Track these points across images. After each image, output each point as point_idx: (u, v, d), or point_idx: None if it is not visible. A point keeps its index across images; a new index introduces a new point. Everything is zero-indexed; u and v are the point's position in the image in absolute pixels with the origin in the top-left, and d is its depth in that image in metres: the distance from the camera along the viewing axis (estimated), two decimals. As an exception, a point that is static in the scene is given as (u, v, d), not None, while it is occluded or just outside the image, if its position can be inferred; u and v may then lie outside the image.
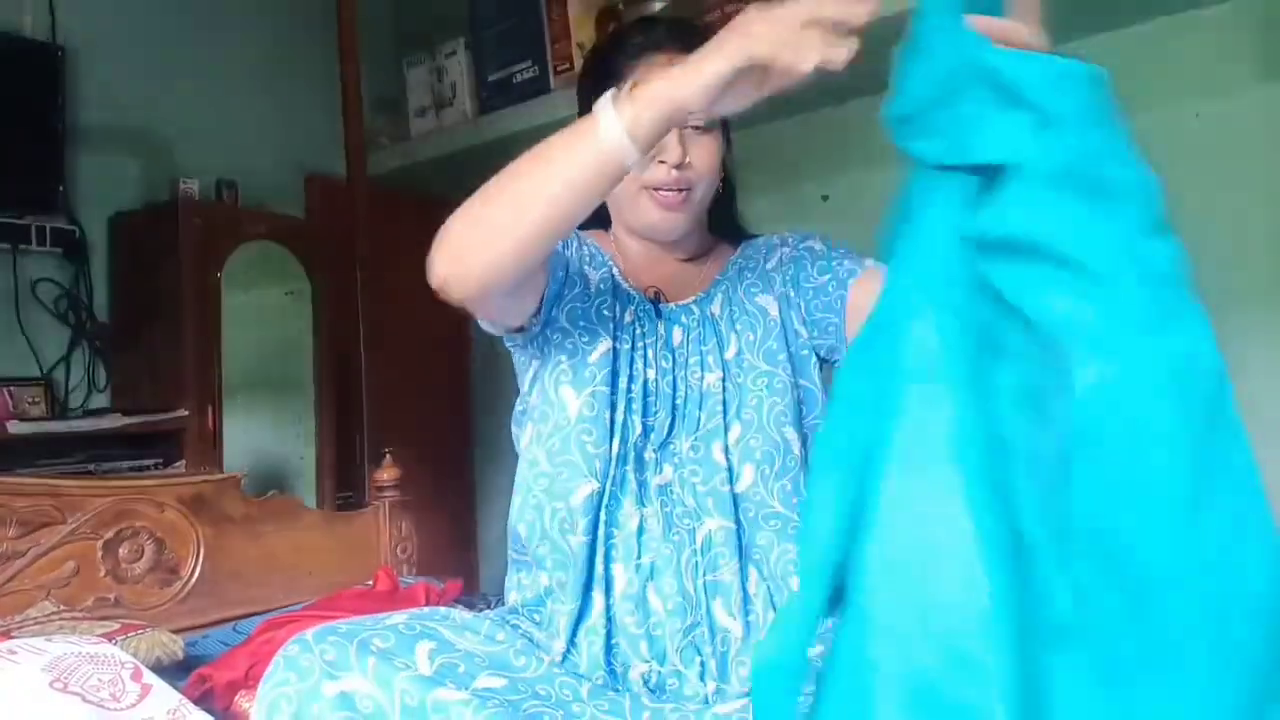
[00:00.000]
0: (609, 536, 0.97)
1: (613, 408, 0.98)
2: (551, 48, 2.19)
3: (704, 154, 1.00)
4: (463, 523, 2.91)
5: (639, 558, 0.96)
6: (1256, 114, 1.66)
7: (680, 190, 1.00)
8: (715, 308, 1.06)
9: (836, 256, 1.05)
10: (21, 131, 2.11)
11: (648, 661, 0.94)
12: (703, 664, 0.93)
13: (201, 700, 1.17)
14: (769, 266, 1.08)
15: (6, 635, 1.24)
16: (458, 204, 0.88)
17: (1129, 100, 2.00)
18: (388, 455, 1.90)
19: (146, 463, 2.10)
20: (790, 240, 1.09)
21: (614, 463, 0.97)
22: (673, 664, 0.93)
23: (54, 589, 1.44)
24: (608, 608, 0.95)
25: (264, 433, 2.53)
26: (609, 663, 0.94)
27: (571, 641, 0.95)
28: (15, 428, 1.94)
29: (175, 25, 2.48)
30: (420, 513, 1.92)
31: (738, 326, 1.04)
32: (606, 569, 0.96)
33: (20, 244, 2.15)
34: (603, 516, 0.96)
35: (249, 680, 1.19)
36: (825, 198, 2.18)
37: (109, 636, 1.23)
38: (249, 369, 2.46)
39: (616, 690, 0.93)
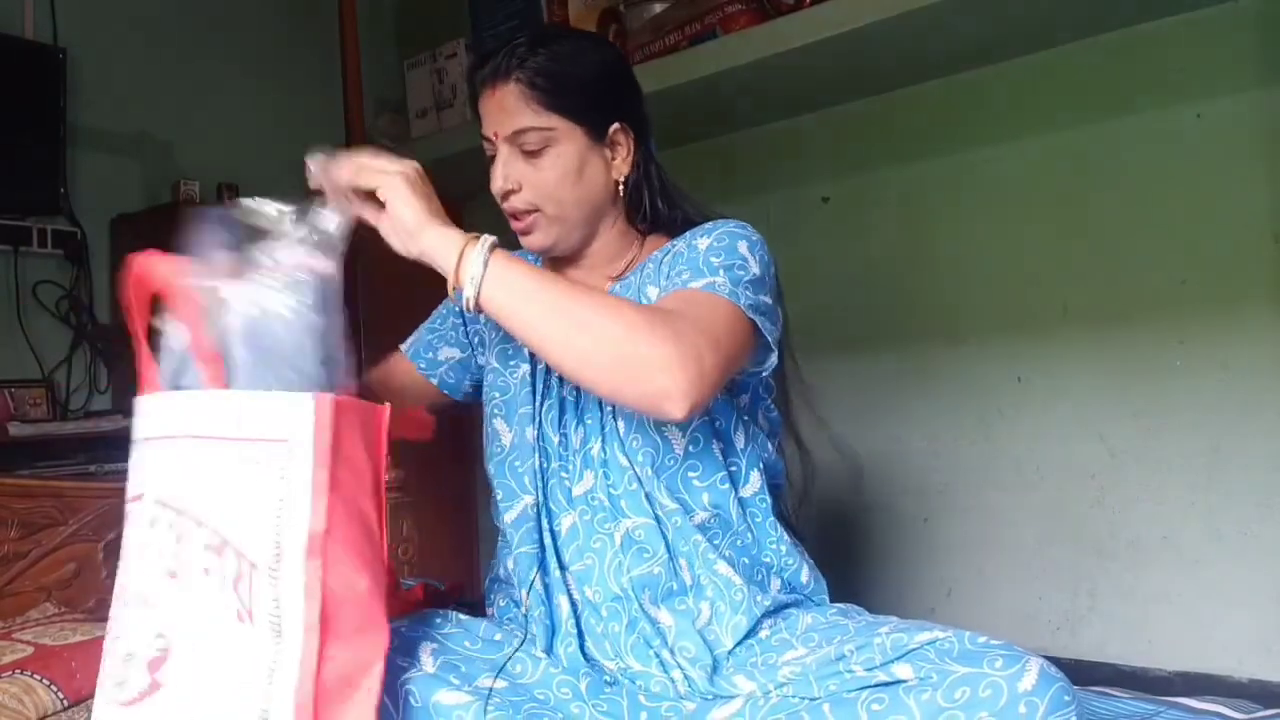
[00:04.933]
0: (556, 545, 1.02)
1: (536, 425, 1.05)
2: (552, 49, 2.19)
3: (537, 176, 1.03)
4: (463, 523, 2.91)
5: (573, 565, 1.01)
6: (1256, 114, 1.66)
7: (526, 213, 1.04)
8: None
9: (695, 261, 0.98)
10: (23, 133, 2.11)
11: (613, 660, 0.97)
12: (658, 658, 0.95)
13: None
14: (664, 263, 1.06)
15: (8, 637, 1.25)
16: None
17: (1130, 100, 2.02)
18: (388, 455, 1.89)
19: (148, 464, 2.10)
20: (698, 231, 1.05)
21: (539, 476, 1.03)
22: (627, 663, 0.96)
23: (55, 590, 1.44)
24: (574, 610, 0.99)
25: (265, 434, 2.53)
26: (588, 660, 0.97)
27: (550, 649, 0.98)
28: (16, 429, 1.94)
29: (176, 27, 2.48)
30: (420, 513, 1.92)
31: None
32: (563, 575, 1.01)
33: (22, 246, 2.15)
34: (544, 525, 1.02)
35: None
36: (826, 199, 2.18)
37: (110, 638, 1.23)
38: (250, 370, 2.46)
39: (612, 686, 0.95)
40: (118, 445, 2.11)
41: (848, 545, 2.13)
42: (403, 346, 1.23)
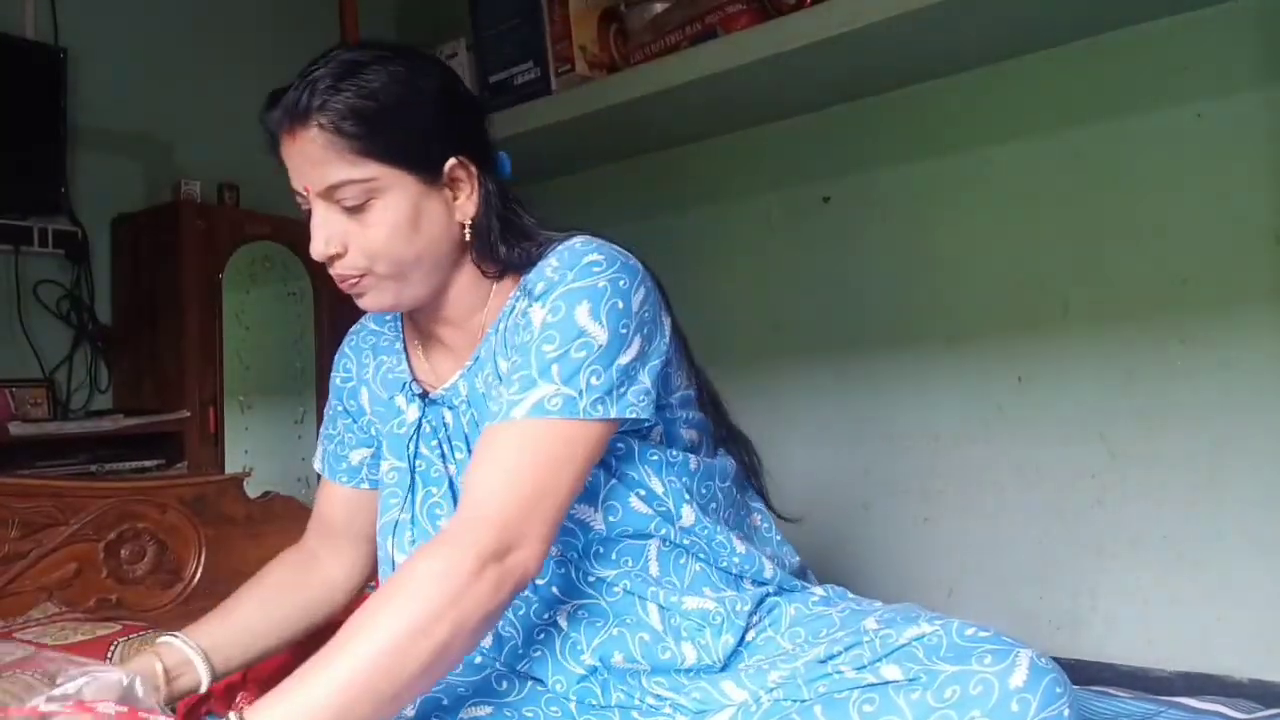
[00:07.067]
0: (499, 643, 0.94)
1: (413, 524, 0.96)
2: (553, 49, 2.18)
3: (364, 235, 0.88)
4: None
5: (519, 665, 0.93)
6: (1256, 114, 1.66)
7: (356, 276, 0.91)
8: (486, 373, 0.95)
9: (527, 354, 0.86)
10: (24, 133, 2.11)
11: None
12: (645, 703, 0.91)
13: (202, 703, 1.17)
14: (505, 326, 0.94)
15: (8, 636, 1.25)
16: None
17: (1130, 100, 2.02)
18: (389, 456, 1.89)
19: (148, 464, 2.10)
20: (540, 285, 0.90)
21: None
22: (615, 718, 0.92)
23: (56, 590, 1.44)
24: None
25: (265, 433, 2.53)
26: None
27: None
28: (17, 429, 1.94)
29: (177, 27, 2.48)
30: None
31: (494, 393, 0.92)
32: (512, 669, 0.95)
33: (22, 245, 2.15)
34: None
35: (248, 683, 1.19)
36: (826, 199, 2.18)
37: (111, 638, 1.23)
38: (251, 370, 2.47)
39: (605, 707, 0.93)
40: (119, 445, 2.12)
41: (848, 545, 2.12)
42: (316, 464, 1.12)
